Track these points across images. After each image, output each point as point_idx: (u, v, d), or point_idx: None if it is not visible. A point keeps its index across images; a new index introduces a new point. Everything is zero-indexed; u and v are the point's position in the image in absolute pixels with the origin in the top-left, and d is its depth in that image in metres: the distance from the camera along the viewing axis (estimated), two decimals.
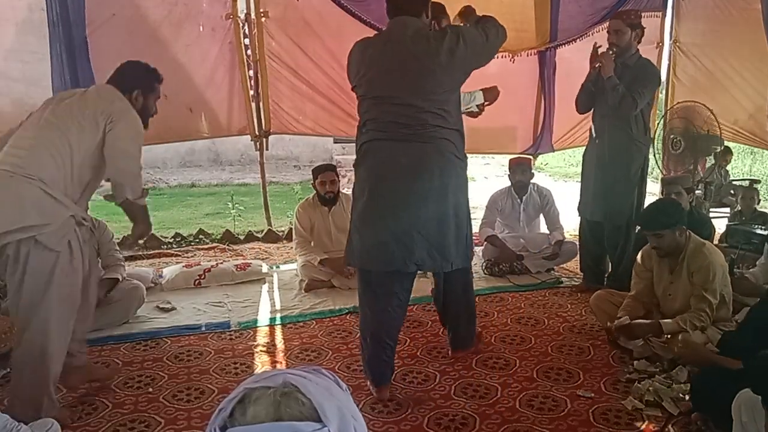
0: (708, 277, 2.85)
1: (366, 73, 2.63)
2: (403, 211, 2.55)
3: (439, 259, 2.64)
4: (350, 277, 4.21)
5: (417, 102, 2.51)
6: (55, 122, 2.47)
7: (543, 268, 4.54)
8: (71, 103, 2.54)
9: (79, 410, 2.65)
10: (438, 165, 2.55)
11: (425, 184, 2.54)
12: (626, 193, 3.82)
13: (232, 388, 2.98)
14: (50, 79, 4.37)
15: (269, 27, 4.88)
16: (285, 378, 0.77)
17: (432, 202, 2.56)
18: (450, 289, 3.03)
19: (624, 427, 2.47)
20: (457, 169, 2.65)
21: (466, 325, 3.14)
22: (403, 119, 2.52)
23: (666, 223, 2.89)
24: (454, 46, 2.50)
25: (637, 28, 3.74)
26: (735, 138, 5.61)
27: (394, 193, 2.56)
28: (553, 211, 4.68)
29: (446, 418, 2.55)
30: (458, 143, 2.63)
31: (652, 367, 2.89)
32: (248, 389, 0.77)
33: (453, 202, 2.63)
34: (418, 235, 2.55)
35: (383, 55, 2.59)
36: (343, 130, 5.35)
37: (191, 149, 11.39)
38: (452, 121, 2.59)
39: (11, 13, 4.33)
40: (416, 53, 2.51)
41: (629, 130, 3.74)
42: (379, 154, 2.60)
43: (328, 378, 0.82)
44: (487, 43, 2.62)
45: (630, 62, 3.73)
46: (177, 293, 4.16)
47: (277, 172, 10.21)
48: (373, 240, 2.60)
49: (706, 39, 5.62)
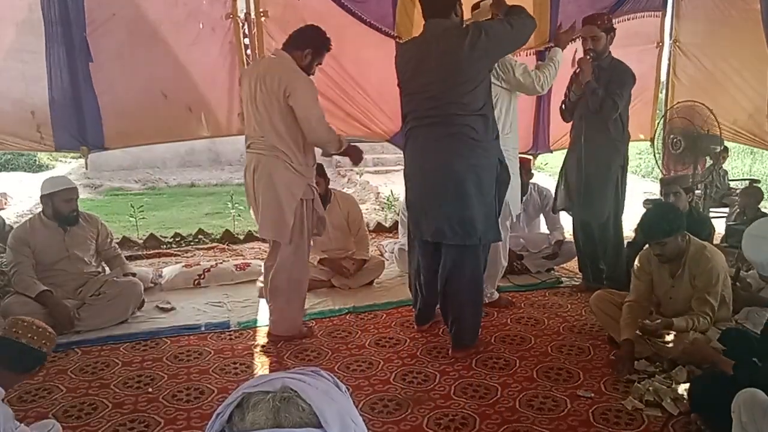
0: (711, 281, 2.83)
1: (404, 72, 3.07)
2: (429, 188, 3.01)
3: (460, 232, 2.96)
4: (350, 276, 4.22)
5: (440, 94, 2.91)
6: (264, 101, 3.06)
7: (543, 268, 4.55)
8: (260, 78, 3.07)
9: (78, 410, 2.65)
10: (456, 147, 2.91)
11: (446, 165, 2.93)
12: (607, 191, 3.91)
13: (231, 388, 2.99)
14: (50, 78, 4.38)
15: (269, 27, 4.87)
16: (284, 382, 0.75)
17: (451, 180, 2.93)
18: (458, 275, 3.07)
19: (624, 427, 2.47)
20: (477, 150, 2.93)
21: (471, 317, 3.16)
22: (431, 111, 2.96)
23: (669, 230, 2.84)
24: (475, 39, 2.83)
25: (611, 32, 3.86)
26: (735, 138, 5.61)
27: (423, 174, 3.05)
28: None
29: (446, 418, 2.55)
30: (479, 127, 2.91)
31: (652, 367, 2.89)
32: (246, 393, 0.75)
33: (474, 180, 2.93)
34: (439, 209, 2.98)
35: (416, 56, 3.00)
36: (343, 130, 5.32)
37: (191, 149, 11.39)
38: (473, 108, 2.90)
39: (11, 12, 4.32)
40: (442, 51, 2.88)
41: (608, 130, 3.84)
42: (416, 141, 3.07)
43: (327, 380, 0.81)
44: (512, 31, 2.94)
45: (604, 64, 3.85)
46: (177, 293, 4.17)
47: None
48: (411, 212, 3.20)
49: (706, 39, 5.61)
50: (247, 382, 0.79)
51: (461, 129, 2.90)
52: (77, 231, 3.68)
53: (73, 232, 3.65)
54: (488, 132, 2.97)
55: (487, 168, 2.99)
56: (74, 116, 4.55)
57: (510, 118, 3.58)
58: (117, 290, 3.60)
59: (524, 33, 3.03)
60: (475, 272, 3.12)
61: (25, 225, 3.64)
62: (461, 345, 3.16)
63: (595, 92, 3.75)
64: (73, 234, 3.66)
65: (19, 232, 3.60)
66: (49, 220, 3.60)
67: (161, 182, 10.36)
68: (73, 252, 3.63)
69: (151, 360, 3.16)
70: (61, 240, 3.61)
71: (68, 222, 3.61)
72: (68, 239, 3.63)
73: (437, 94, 2.92)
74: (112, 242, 3.92)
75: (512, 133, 3.63)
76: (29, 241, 3.52)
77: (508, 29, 2.93)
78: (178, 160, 11.58)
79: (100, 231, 3.81)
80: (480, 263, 3.13)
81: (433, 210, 3.02)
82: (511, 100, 3.57)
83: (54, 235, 3.60)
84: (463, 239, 2.98)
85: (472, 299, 3.16)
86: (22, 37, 4.35)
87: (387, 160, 10.57)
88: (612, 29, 3.88)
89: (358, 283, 4.27)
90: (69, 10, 4.32)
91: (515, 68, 3.43)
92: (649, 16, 5.37)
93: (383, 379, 2.92)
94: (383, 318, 3.73)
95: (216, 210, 7.84)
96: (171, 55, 4.75)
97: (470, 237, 2.97)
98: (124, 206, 7.57)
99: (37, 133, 4.52)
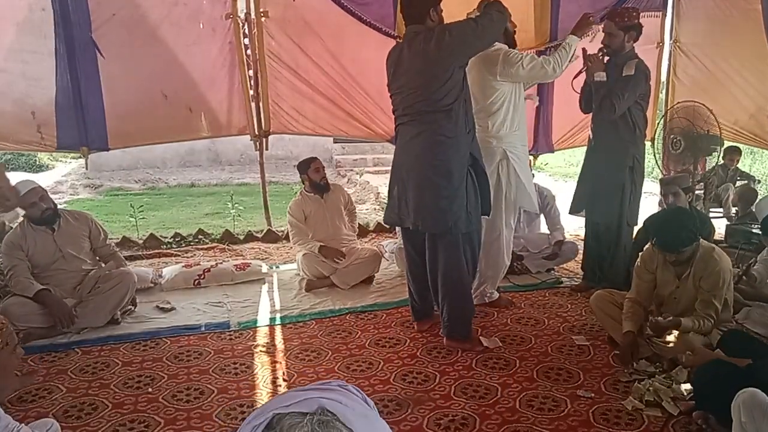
0: (717, 284, 2.81)
1: (388, 75, 3.28)
2: (405, 181, 3.22)
3: (430, 221, 3.14)
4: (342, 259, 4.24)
5: (412, 93, 3.12)
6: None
7: (543, 268, 4.55)
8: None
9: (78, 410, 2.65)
10: (426, 144, 3.12)
11: (416, 159, 3.16)
12: (615, 193, 3.83)
13: (231, 388, 3.00)
14: (54, 78, 4.39)
15: (269, 27, 4.87)
16: (320, 403, 0.71)
17: (418, 173, 3.15)
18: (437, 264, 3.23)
19: (624, 427, 2.47)
20: (446, 145, 3.08)
21: (456, 307, 3.24)
22: (407, 109, 3.18)
23: (687, 239, 2.78)
24: (441, 40, 2.99)
25: (631, 30, 3.72)
26: (735, 138, 5.61)
27: (400, 167, 3.27)
28: (554, 212, 4.68)
29: (446, 418, 2.55)
30: (448, 123, 3.06)
31: (652, 367, 2.89)
32: (278, 414, 0.70)
33: (443, 173, 3.08)
34: (410, 200, 3.19)
35: (395, 60, 3.20)
36: (343, 130, 5.35)
37: (191, 149, 11.39)
38: (443, 104, 3.04)
39: (11, 12, 4.33)
40: (413, 53, 3.09)
41: (617, 129, 3.75)
42: (400, 138, 3.30)
43: (356, 397, 0.77)
44: (477, 29, 3.06)
45: (621, 62, 3.73)
46: (176, 293, 4.17)
47: (277, 172, 10.20)
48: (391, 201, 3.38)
49: (706, 39, 5.61)
50: (272, 400, 0.75)
51: (431, 126, 3.09)
52: (67, 229, 3.67)
53: (62, 231, 3.64)
54: (458, 127, 3.08)
55: (457, 161, 3.10)
56: (77, 117, 4.56)
57: (518, 117, 3.58)
58: (112, 282, 3.61)
59: (492, 29, 3.13)
60: (452, 261, 3.19)
61: (16, 230, 3.64)
62: (451, 335, 3.27)
63: (599, 90, 3.70)
64: (63, 233, 3.64)
65: (11, 237, 3.59)
66: (35, 224, 3.59)
67: (161, 182, 10.36)
68: (66, 251, 3.62)
69: (151, 360, 3.16)
70: (52, 241, 3.60)
71: (47, 222, 3.59)
72: (59, 239, 3.62)
73: (410, 93, 3.12)
74: (106, 239, 3.91)
75: (520, 131, 3.63)
76: (21, 245, 3.53)
77: (473, 27, 3.05)
78: (178, 160, 11.58)
79: (92, 228, 3.79)
80: (458, 253, 3.19)
81: (410, 201, 3.21)
82: (517, 98, 3.56)
83: (44, 237, 3.59)
84: (434, 228, 3.16)
85: (454, 288, 3.23)
86: (22, 37, 4.36)
87: (387, 161, 10.49)
88: (634, 27, 3.72)
89: (357, 277, 4.28)
90: (70, 10, 4.33)
91: (523, 60, 3.42)
92: (649, 16, 5.36)
93: (383, 379, 2.92)
94: (383, 318, 3.72)
95: (216, 210, 7.84)
96: (171, 55, 4.76)
97: (439, 226, 3.13)
98: (124, 206, 7.57)
99: (37, 134, 4.53)
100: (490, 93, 3.48)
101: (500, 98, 3.50)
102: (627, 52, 3.75)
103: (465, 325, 3.28)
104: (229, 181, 10.24)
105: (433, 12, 3.09)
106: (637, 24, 3.75)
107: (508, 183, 3.58)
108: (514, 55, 3.43)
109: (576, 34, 3.60)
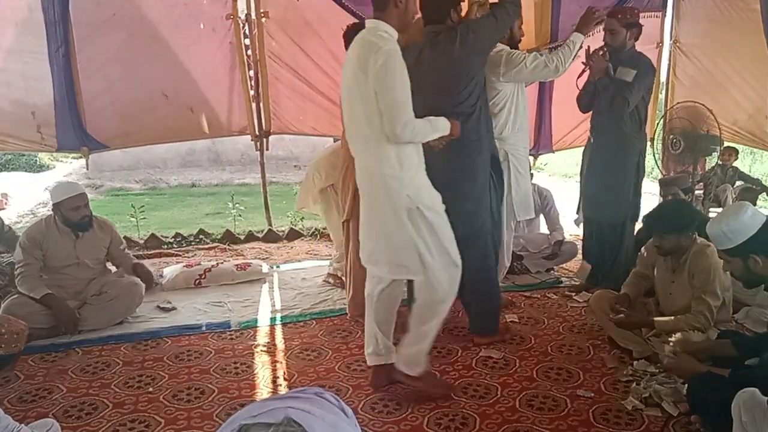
0: (708, 279, 2.83)
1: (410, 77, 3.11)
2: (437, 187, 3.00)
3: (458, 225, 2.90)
4: None
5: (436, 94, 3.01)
6: None
7: (543, 268, 4.55)
8: None
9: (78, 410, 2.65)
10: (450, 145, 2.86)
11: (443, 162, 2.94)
12: (621, 191, 3.82)
13: (232, 388, 2.99)
14: (50, 78, 4.39)
15: (269, 27, 4.88)
16: (287, 413, 0.69)
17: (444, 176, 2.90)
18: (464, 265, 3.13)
19: (624, 427, 2.47)
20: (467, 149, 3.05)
21: (481, 304, 3.30)
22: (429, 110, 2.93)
23: (672, 226, 2.87)
24: (464, 39, 2.97)
25: (633, 27, 3.73)
26: (735, 138, 5.61)
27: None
28: (553, 212, 4.68)
29: (446, 418, 2.55)
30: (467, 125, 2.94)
31: (652, 367, 2.89)
32: (245, 425, 0.69)
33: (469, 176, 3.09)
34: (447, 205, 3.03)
35: (416, 63, 3.03)
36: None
37: (192, 149, 11.40)
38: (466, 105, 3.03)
39: (11, 12, 4.33)
40: (437, 54, 3.03)
41: (623, 126, 3.73)
42: None
43: (332, 404, 0.75)
44: (498, 23, 3.08)
45: (623, 57, 3.73)
46: (177, 293, 4.17)
47: (278, 172, 10.21)
48: None
49: (706, 39, 5.62)
50: (243, 409, 0.74)
51: None
52: (89, 238, 3.61)
53: (84, 239, 3.59)
54: (480, 128, 3.10)
55: (481, 164, 3.13)
56: (76, 116, 4.56)
57: (520, 118, 3.58)
58: (118, 290, 3.59)
59: (508, 23, 3.20)
60: (479, 261, 3.19)
61: (41, 224, 3.57)
62: (476, 329, 3.34)
63: (607, 88, 3.68)
64: (85, 241, 3.59)
65: (34, 232, 3.52)
66: (63, 225, 3.55)
67: (162, 182, 10.37)
68: (83, 260, 3.59)
69: (151, 360, 3.17)
70: (72, 247, 3.55)
71: (80, 228, 3.55)
72: (79, 246, 3.57)
73: (433, 94, 3.00)
74: (125, 249, 3.89)
75: (522, 132, 3.64)
76: (42, 243, 3.48)
77: (494, 22, 3.08)
78: (178, 160, 11.59)
79: (113, 238, 3.76)
80: (486, 254, 3.22)
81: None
82: (519, 99, 3.56)
83: (66, 240, 3.54)
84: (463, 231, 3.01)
85: (482, 288, 3.27)
86: (22, 37, 4.37)
87: None
88: (635, 25, 3.73)
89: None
90: (69, 9, 4.33)
91: (526, 60, 3.42)
92: (649, 16, 5.36)
93: None
94: None
95: (217, 210, 7.85)
96: (171, 55, 4.76)
97: (467, 229, 3.04)
98: (124, 206, 7.56)
99: (37, 134, 4.54)
100: (492, 94, 3.47)
101: (502, 99, 3.50)
102: (628, 50, 3.75)
103: (492, 322, 3.35)
104: (230, 181, 10.25)
105: (453, 12, 3.11)
106: (638, 22, 3.77)
107: (509, 185, 3.58)
108: (516, 55, 3.43)
109: (581, 31, 3.55)
